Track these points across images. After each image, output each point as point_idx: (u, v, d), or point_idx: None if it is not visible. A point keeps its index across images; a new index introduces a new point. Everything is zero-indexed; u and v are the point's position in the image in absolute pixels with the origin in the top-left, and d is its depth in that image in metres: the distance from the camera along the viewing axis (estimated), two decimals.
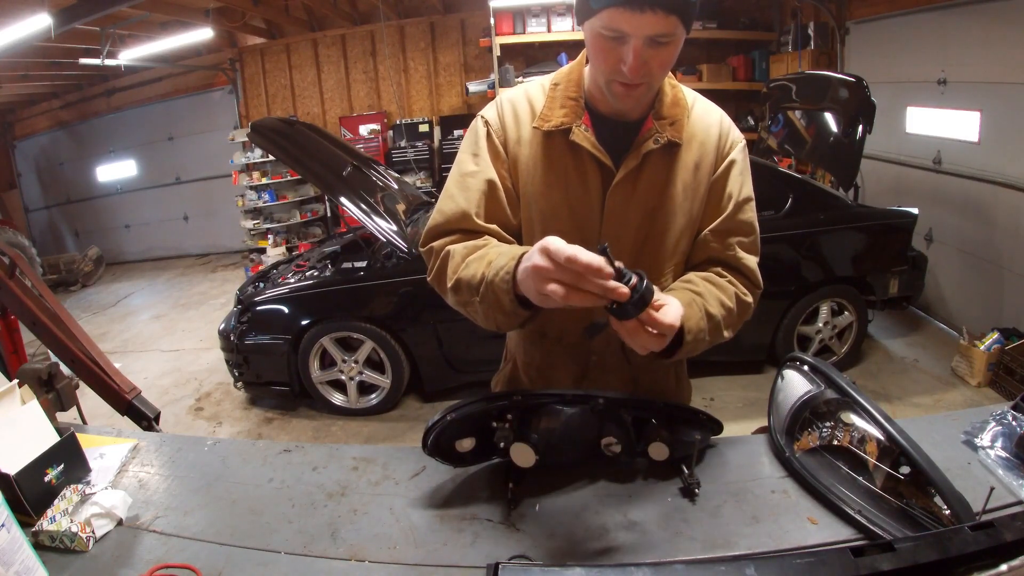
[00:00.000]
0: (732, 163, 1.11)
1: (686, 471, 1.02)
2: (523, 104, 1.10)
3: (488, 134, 1.10)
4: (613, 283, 0.79)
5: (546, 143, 1.07)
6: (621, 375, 1.19)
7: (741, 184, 1.12)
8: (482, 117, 1.13)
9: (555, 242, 0.82)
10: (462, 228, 1.07)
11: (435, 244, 1.08)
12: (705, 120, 1.10)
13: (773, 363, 3.68)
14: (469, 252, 1.01)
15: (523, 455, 0.99)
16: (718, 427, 1.09)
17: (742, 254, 1.11)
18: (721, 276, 1.09)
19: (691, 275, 1.09)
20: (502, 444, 0.98)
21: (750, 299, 1.10)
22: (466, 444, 1.02)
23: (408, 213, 4.04)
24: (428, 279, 1.09)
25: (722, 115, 1.12)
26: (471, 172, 1.09)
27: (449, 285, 1.01)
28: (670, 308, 0.88)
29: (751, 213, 1.13)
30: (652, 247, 1.10)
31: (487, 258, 0.97)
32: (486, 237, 1.05)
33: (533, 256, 0.84)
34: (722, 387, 3.62)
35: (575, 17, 0.99)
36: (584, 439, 1.03)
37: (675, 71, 4.70)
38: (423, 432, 1.01)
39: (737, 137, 1.12)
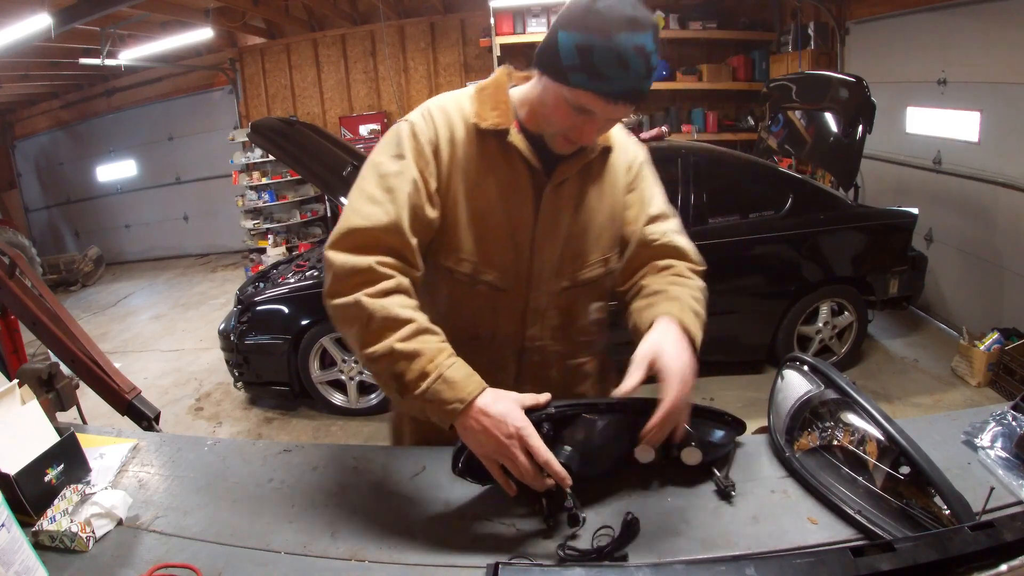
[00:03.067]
0: (643, 164, 1.24)
1: (718, 474, 1.00)
2: (452, 106, 1.11)
3: (414, 135, 1.07)
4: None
5: (480, 143, 1.08)
6: (558, 368, 1.23)
7: (654, 180, 1.25)
8: (406, 121, 1.10)
9: (535, 438, 0.89)
10: (386, 243, 1.00)
11: (345, 263, 0.97)
12: (616, 129, 1.18)
13: (773, 363, 3.69)
14: (392, 326, 0.93)
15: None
16: (742, 427, 1.09)
17: (680, 239, 1.21)
18: (679, 274, 1.17)
19: (662, 283, 1.13)
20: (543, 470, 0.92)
21: (702, 283, 1.20)
22: None
23: None
24: (325, 298, 0.99)
25: (621, 126, 1.20)
26: (395, 172, 1.04)
27: (371, 349, 0.93)
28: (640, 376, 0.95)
29: (668, 205, 1.26)
30: (576, 242, 1.15)
31: (423, 361, 0.92)
32: (412, 311, 0.97)
33: (494, 432, 0.89)
34: (722, 387, 3.62)
35: (541, 69, 1.00)
36: (618, 448, 1.01)
37: (676, 71, 4.75)
38: (452, 453, 0.98)
39: (637, 142, 1.26)
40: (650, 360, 0.96)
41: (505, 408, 0.91)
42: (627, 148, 1.22)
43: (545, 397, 0.96)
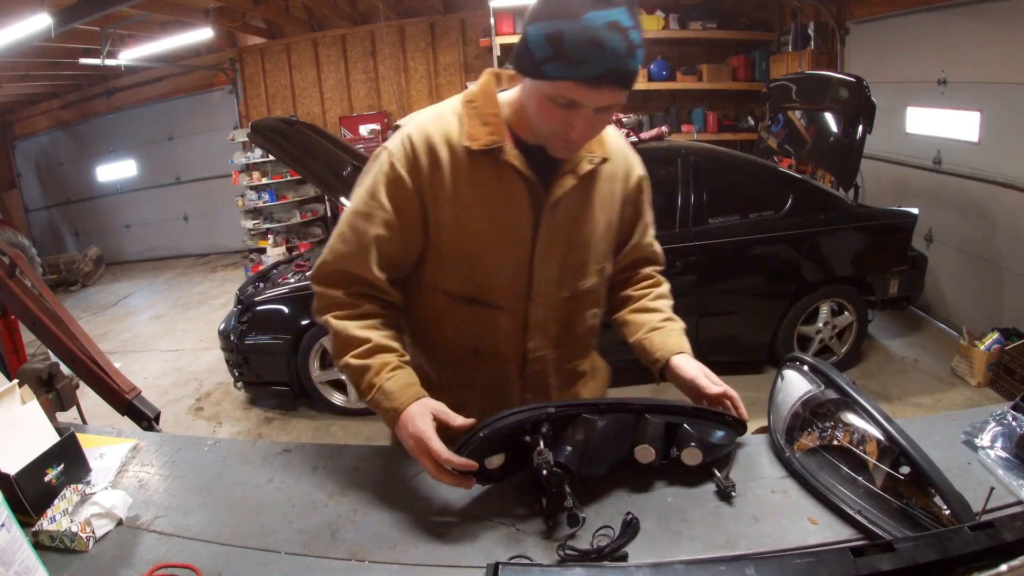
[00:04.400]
0: (644, 178, 1.23)
1: (719, 475, 1.00)
2: (435, 127, 1.06)
3: (391, 166, 1.05)
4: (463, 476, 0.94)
5: (470, 163, 1.04)
6: (557, 373, 1.25)
7: (648, 189, 1.26)
8: (386, 149, 1.07)
9: (433, 441, 0.93)
10: (352, 277, 1.07)
11: (322, 292, 1.09)
12: (612, 135, 1.16)
13: (773, 363, 3.68)
14: (350, 345, 1.05)
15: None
16: (742, 427, 1.09)
17: (658, 245, 1.32)
18: (657, 282, 1.30)
19: (657, 302, 1.26)
20: (543, 470, 0.92)
21: (668, 284, 1.33)
22: (496, 461, 0.98)
23: None
24: (314, 316, 1.12)
25: (616, 130, 1.20)
26: (364, 213, 1.06)
27: (337, 363, 1.08)
28: (709, 380, 1.12)
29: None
30: (576, 254, 1.15)
31: (371, 374, 1.03)
32: (369, 331, 1.06)
33: (407, 438, 0.97)
34: None
35: (519, 70, 0.97)
36: (618, 448, 1.01)
37: (676, 71, 4.74)
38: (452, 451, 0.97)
39: (636, 155, 1.24)
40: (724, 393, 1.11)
41: (415, 414, 0.98)
42: (626, 158, 1.20)
43: (469, 421, 0.98)
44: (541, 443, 0.94)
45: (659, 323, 1.22)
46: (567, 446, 0.96)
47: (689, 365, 1.15)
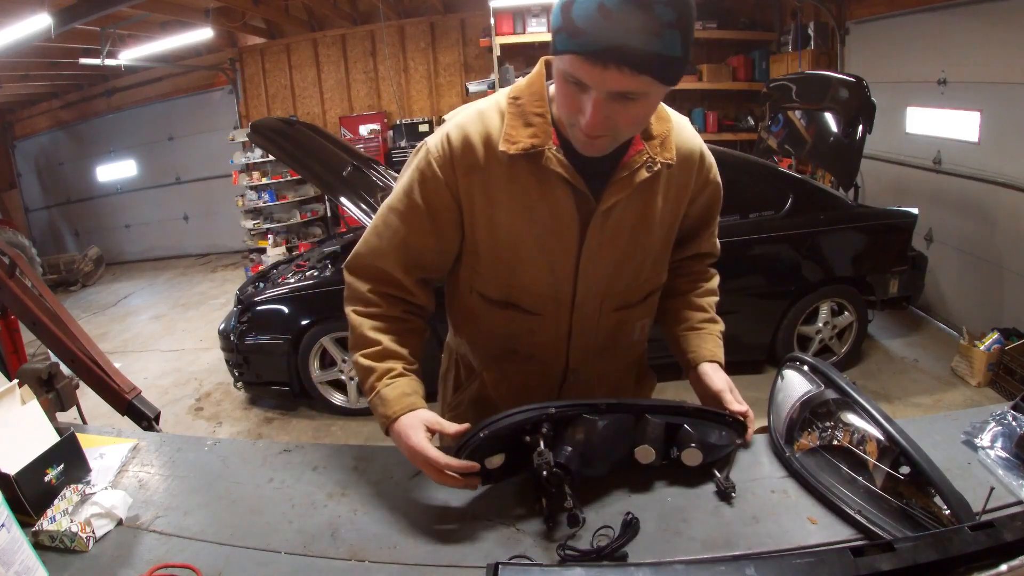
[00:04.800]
0: (719, 187, 1.15)
1: (719, 475, 1.00)
2: (476, 126, 0.99)
3: (427, 164, 1.00)
4: (470, 477, 0.94)
5: (510, 167, 0.97)
6: (601, 383, 1.21)
7: (720, 200, 1.19)
8: (425, 145, 1.03)
9: (429, 451, 0.94)
10: (381, 273, 1.08)
11: (351, 282, 1.11)
12: (684, 135, 1.06)
13: (773, 363, 3.68)
14: (362, 344, 1.07)
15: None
16: (742, 428, 1.09)
17: (717, 243, 1.26)
18: (709, 275, 1.26)
19: (703, 299, 1.22)
20: (544, 471, 0.91)
21: (717, 278, 1.28)
22: (496, 461, 0.98)
23: None
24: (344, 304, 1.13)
25: (693, 130, 1.10)
26: (399, 210, 1.05)
27: (351, 357, 1.11)
28: (733, 396, 1.10)
29: None
30: (630, 267, 1.08)
31: (373, 378, 1.05)
32: (380, 334, 1.07)
33: (403, 451, 0.99)
34: None
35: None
36: (619, 448, 1.01)
37: None
38: (453, 453, 0.98)
39: (712, 158, 1.12)
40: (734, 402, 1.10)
41: (407, 427, 0.98)
42: (699, 161, 1.08)
43: (464, 426, 0.97)
44: (541, 443, 0.94)
45: (698, 323, 1.19)
46: (567, 446, 0.96)
47: (718, 377, 1.13)
